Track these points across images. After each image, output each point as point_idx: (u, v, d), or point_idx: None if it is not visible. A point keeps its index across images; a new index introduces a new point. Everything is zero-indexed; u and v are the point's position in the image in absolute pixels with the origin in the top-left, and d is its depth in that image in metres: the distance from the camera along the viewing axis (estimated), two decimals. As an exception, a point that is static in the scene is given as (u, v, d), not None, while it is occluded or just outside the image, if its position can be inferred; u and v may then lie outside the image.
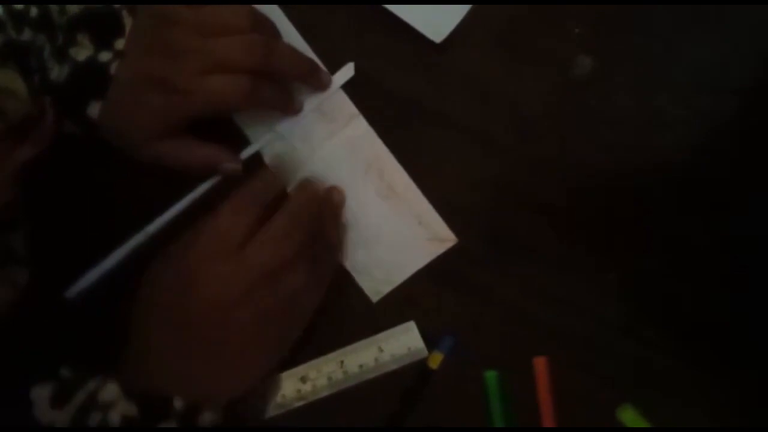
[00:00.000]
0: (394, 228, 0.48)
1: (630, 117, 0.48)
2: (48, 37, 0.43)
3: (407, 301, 0.47)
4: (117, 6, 0.44)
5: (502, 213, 0.48)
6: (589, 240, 0.47)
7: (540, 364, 0.45)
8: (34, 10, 0.42)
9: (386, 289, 0.47)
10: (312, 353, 0.46)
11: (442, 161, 0.48)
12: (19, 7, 0.42)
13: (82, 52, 0.43)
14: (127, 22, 0.44)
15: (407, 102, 0.49)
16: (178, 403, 0.39)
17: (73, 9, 0.43)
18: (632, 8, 0.49)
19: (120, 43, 0.43)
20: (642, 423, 0.44)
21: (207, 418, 0.39)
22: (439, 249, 0.47)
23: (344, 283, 0.47)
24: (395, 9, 0.49)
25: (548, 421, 0.44)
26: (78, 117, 0.44)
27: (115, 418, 0.38)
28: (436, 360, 0.46)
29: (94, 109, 0.43)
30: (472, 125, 0.49)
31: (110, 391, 0.38)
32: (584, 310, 0.46)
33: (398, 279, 0.47)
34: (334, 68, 0.49)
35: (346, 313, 0.47)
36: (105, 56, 0.43)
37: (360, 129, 0.49)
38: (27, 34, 0.42)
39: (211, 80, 0.44)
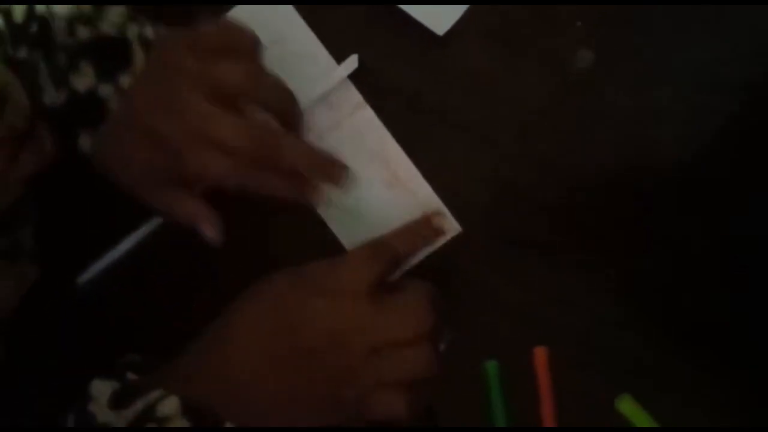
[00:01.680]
0: (398, 216, 0.48)
1: (629, 115, 0.48)
2: (45, 56, 0.41)
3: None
4: (129, 35, 0.42)
5: (501, 208, 0.48)
6: (588, 238, 0.47)
7: (540, 353, 0.45)
8: (34, 26, 0.41)
9: (391, 278, 0.47)
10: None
11: (443, 155, 0.49)
12: (20, 20, 0.40)
13: (83, 81, 0.42)
14: (138, 58, 0.42)
15: (409, 95, 0.49)
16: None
17: (85, 33, 0.42)
18: (633, 8, 0.49)
19: (125, 80, 0.42)
20: (640, 413, 0.44)
21: None
22: (444, 238, 0.47)
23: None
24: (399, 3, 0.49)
25: (548, 410, 0.45)
26: (68, 144, 0.43)
27: None
28: None
29: (85, 141, 0.42)
30: (473, 120, 0.49)
31: (170, 405, 0.37)
32: (583, 308, 0.46)
33: (403, 268, 0.47)
34: (339, 60, 0.50)
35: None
36: (106, 90, 0.42)
37: (365, 118, 0.49)
38: (23, 52, 0.41)
39: (212, 156, 0.41)
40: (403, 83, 0.49)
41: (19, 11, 0.39)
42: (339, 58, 0.50)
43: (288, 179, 0.43)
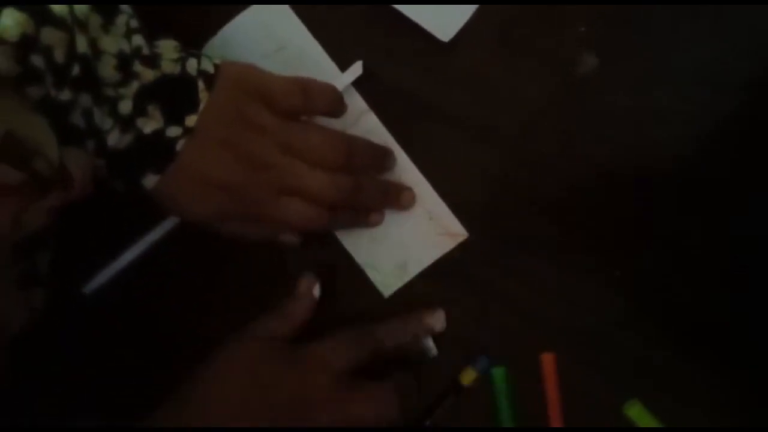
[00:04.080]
0: (404, 223, 0.48)
1: (630, 115, 0.48)
2: (94, 98, 0.40)
3: (414, 297, 0.47)
4: (189, 71, 0.42)
5: (505, 210, 0.48)
6: (590, 237, 0.47)
7: (548, 360, 0.46)
8: (76, 68, 0.38)
9: (398, 284, 0.47)
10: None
11: (447, 158, 0.49)
12: (61, 60, 0.38)
13: (150, 124, 0.41)
14: (203, 96, 0.42)
15: (413, 99, 0.49)
16: None
17: (148, 75, 0.41)
18: (632, 8, 0.49)
19: (191, 120, 0.41)
20: (648, 418, 0.44)
21: None
22: (450, 244, 0.48)
23: (356, 278, 0.48)
24: (403, 8, 0.49)
25: (555, 417, 0.45)
26: (129, 183, 0.42)
27: None
28: (469, 377, 0.46)
29: (150, 181, 0.42)
30: (477, 122, 0.49)
31: None
32: (583, 307, 0.46)
33: (409, 274, 0.48)
34: (342, 65, 0.50)
35: (356, 308, 0.48)
36: (173, 131, 0.41)
37: (370, 125, 0.49)
38: (66, 95, 0.39)
39: (290, 204, 0.44)
40: (407, 86, 0.49)
41: (60, 51, 0.37)
42: (341, 60, 0.50)
43: (356, 212, 0.47)
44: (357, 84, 0.49)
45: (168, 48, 0.42)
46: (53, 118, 0.37)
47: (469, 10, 0.49)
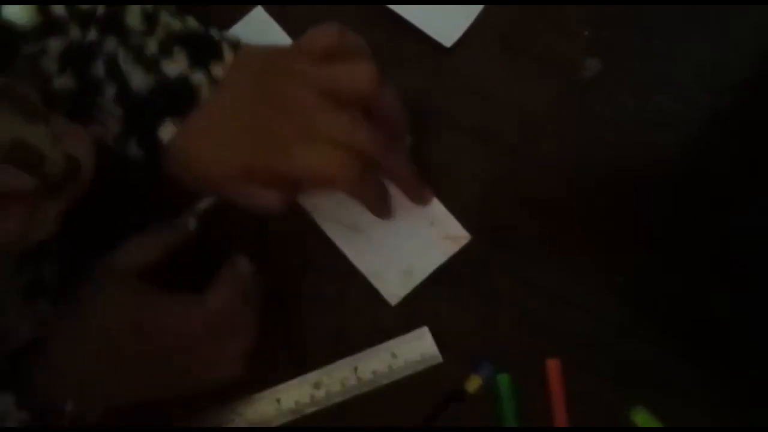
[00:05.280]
0: (407, 230, 0.48)
1: (632, 116, 0.48)
2: (120, 41, 0.39)
3: (417, 304, 0.47)
4: (218, 38, 0.41)
5: (506, 214, 0.48)
6: (591, 240, 0.47)
7: (553, 366, 0.46)
8: (100, 9, 0.38)
9: (404, 292, 0.47)
10: (325, 359, 0.47)
11: (447, 162, 0.49)
12: (85, 8, 0.38)
13: (176, 66, 0.40)
14: (228, 55, 0.41)
15: (413, 103, 0.49)
16: (68, 408, 0.39)
17: (175, 25, 0.40)
18: (633, 10, 0.48)
19: (217, 69, 0.40)
20: (655, 424, 0.44)
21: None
22: (454, 247, 0.47)
23: (364, 288, 0.48)
24: (403, 12, 0.49)
25: (560, 422, 0.45)
26: (146, 137, 0.41)
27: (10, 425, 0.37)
28: (473, 384, 0.46)
29: (167, 132, 0.40)
30: (478, 126, 0.49)
31: (4, 403, 0.37)
32: (585, 309, 0.47)
33: (415, 281, 0.47)
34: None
35: (365, 317, 0.48)
36: (198, 78, 0.40)
37: None
38: (93, 35, 0.38)
39: (319, 147, 0.40)
40: (406, 90, 0.48)
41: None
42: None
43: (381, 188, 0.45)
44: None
45: (190, 19, 0.42)
46: (75, 69, 0.38)
47: (472, 14, 0.49)
